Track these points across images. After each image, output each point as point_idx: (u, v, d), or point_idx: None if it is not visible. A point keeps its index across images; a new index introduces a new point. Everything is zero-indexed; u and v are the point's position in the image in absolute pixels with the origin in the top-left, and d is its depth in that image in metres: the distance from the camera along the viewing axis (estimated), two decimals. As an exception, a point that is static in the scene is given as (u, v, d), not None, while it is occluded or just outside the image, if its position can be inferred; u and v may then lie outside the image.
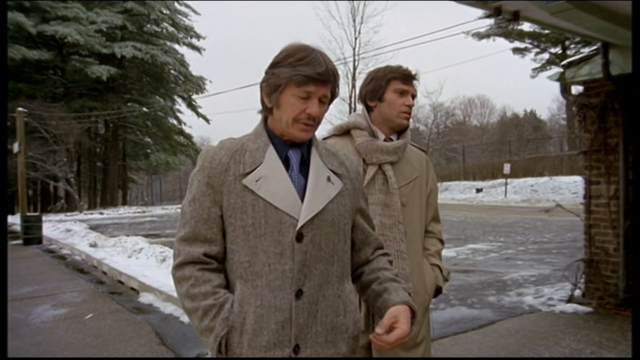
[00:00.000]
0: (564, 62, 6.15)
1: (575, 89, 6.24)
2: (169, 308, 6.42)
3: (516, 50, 36.46)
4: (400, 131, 2.31)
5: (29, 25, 29.73)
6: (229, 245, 1.55)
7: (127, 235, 13.76)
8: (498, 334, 5.04)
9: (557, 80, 6.11)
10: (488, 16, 5.29)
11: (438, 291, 2.35)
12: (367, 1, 39.30)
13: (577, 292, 6.16)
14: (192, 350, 4.87)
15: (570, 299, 6.06)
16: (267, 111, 1.61)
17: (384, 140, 2.26)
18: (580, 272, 6.12)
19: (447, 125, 57.05)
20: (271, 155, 1.56)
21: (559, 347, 4.60)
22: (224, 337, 1.47)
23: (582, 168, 6.19)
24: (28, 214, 17.64)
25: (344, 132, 2.31)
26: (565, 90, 6.12)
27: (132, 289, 7.86)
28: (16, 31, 28.98)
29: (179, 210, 30.30)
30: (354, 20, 33.80)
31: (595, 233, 6.01)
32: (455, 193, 31.61)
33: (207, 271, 1.52)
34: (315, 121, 1.56)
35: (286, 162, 1.59)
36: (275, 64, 1.56)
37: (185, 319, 5.92)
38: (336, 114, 34.72)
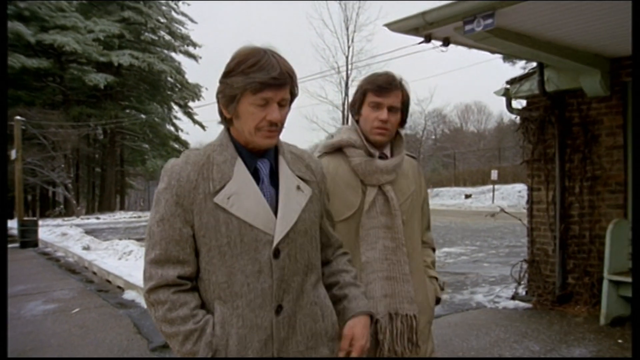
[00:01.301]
0: (508, 79, 6.74)
1: (520, 104, 6.83)
2: (148, 303, 6.99)
3: (506, 58, 37.08)
4: (394, 143, 2.21)
5: (28, 34, 30.39)
6: (203, 265, 1.52)
7: (120, 239, 14.31)
8: (437, 326, 5.61)
9: (503, 95, 6.71)
10: (421, 42, 5.84)
11: (437, 302, 2.31)
12: (360, 11, 39.78)
13: (522, 290, 6.73)
14: (162, 337, 5.45)
15: (514, 297, 6.63)
16: (227, 122, 1.58)
17: (380, 157, 2.13)
18: (524, 271, 6.70)
19: (445, 132, 57.62)
20: (240, 169, 1.53)
21: (487, 336, 5.18)
22: None
23: (526, 176, 6.78)
24: (25, 218, 18.23)
25: (336, 149, 2.15)
26: (509, 104, 6.71)
27: (119, 287, 8.44)
28: (16, 40, 29.63)
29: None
30: (347, 29, 34.43)
31: (537, 235, 6.60)
32: (445, 199, 32.19)
33: (183, 293, 1.49)
34: (278, 126, 1.53)
35: (255, 174, 1.56)
36: (227, 73, 1.51)
37: (162, 312, 6.50)
38: (329, 121, 35.28)
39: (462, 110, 58.69)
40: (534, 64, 6.31)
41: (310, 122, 53.24)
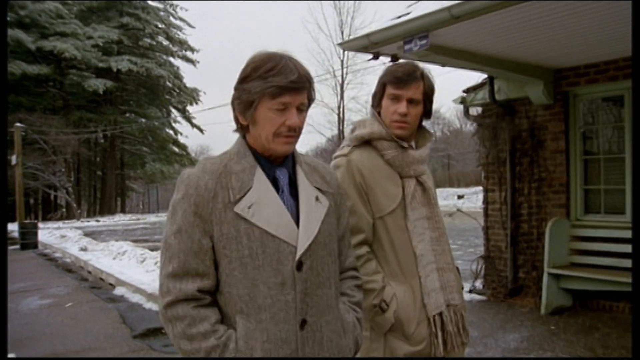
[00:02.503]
0: (465, 88, 7.30)
1: (477, 111, 7.39)
2: (135, 298, 7.59)
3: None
4: (418, 134, 2.19)
5: (29, 41, 31.06)
6: (224, 278, 1.46)
7: (117, 241, 14.89)
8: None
9: (460, 103, 7.28)
10: (370, 59, 6.40)
11: None
12: (355, 14, 40.32)
13: (480, 285, 7.28)
14: (143, 326, 6.07)
15: (471, 290, 7.18)
16: (243, 129, 1.55)
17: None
18: (481, 267, 7.25)
19: (445, 133, 58.07)
20: (260, 178, 1.49)
21: (436, 322, 5.73)
22: None
23: (482, 178, 7.34)
24: (25, 221, 18.85)
25: (364, 142, 2.11)
26: (467, 111, 7.28)
27: (110, 284, 9.03)
28: (16, 47, 30.30)
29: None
30: (342, 33, 34.99)
31: (492, 233, 7.15)
32: (439, 200, 32.68)
33: (202, 308, 1.44)
34: (297, 132, 1.50)
35: (274, 183, 1.52)
36: (244, 79, 1.48)
37: (147, 305, 7.09)
38: (325, 124, 35.86)
39: (460, 111, 58.94)
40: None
41: (307, 125, 53.79)
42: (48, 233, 19.54)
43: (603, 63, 6.01)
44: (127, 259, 11.34)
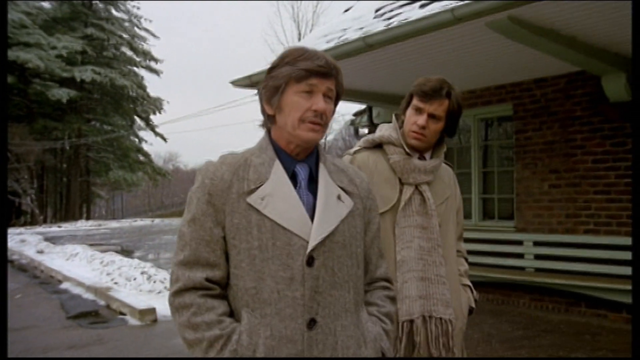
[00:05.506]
0: (354, 112, 8.77)
1: (364, 132, 8.86)
2: (77, 290, 8.86)
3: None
4: (435, 148, 2.22)
5: (-8, 51, 31.74)
6: (232, 270, 1.43)
7: (72, 244, 15.98)
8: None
9: (351, 124, 8.75)
10: (256, 94, 7.76)
11: (470, 311, 2.27)
12: (313, 28, 41.73)
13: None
14: (77, 310, 7.39)
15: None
16: (269, 120, 1.54)
17: (418, 158, 2.15)
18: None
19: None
20: (277, 171, 1.47)
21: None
22: None
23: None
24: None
25: (376, 145, 2.20)
26: (356, 132, 8.74)
27: (58, 280, 10.23)
28: (-21, 57, 30.94)
29: (134, 224, 32.19)
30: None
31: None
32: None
33: (210, 298, 1.41)
34: (323, 119, 1.47)
35: (293, 179, 1.49)
36: (272, 68, 1.50)
37: (85, 295, 8.36)
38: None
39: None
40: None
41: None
42: (9, 238, 20.39)
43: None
44: (79, 260, 12.49)
